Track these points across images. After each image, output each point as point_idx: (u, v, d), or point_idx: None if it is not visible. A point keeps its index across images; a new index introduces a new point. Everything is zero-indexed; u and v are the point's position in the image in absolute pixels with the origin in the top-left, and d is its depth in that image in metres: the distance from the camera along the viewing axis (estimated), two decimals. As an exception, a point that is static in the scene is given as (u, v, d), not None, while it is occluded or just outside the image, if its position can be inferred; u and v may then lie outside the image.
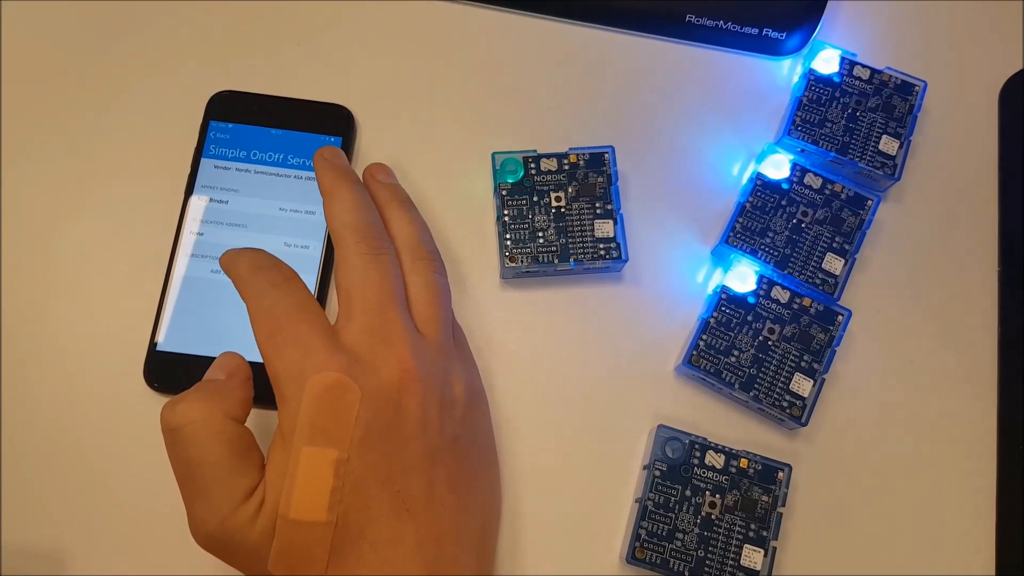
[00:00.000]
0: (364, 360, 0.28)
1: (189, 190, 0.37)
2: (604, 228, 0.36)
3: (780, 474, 0.34)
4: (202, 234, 0.37)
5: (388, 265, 0.31)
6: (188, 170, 0.38)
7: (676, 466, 0.34)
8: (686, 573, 0.33)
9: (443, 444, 0.29)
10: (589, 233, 0.36)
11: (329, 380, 0.27)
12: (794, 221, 0.37)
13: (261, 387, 0.30)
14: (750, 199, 0.37)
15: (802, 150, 0.38)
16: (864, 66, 0.39)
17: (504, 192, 0.36)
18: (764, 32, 0.40)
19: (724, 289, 0.36)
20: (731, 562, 0.33)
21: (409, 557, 0.27)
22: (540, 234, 0.36)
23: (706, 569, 0.33)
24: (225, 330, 0.35)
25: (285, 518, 0.27)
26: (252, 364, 0.31)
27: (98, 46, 0.40)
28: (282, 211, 0.37)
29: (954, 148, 0.40)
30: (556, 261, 0.36)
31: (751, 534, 0.33)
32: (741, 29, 0.40)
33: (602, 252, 0.36)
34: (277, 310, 0.29)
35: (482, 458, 0.33)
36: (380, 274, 0.30)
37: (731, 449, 0.34)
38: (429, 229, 0.35)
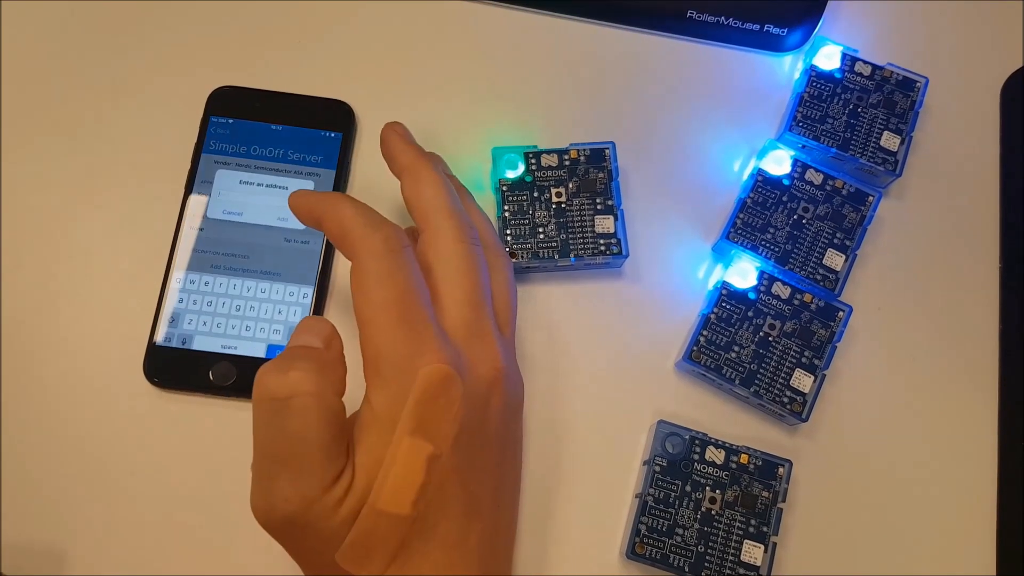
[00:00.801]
0: (465, 355, 0.27)
1: (189, 185, 0.37)
2: (605, 224, 0.36)
3: (780, 470, 0.34)
4: (202, 229, 0.37)
5: (481, 258, 0.30)
6: (188, 165, 0.38)
7: (676, 462, 0.34)
8: (686, 569, 0.33)
9: (509, 448, 0.29)
10: (590, 229, 0.36)
11: (441, 373, 0.26)
12: (795, 217, 0.37)
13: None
14: (751, 195, 0.37)
15: (803, 146, 0.38)
16: (865, 62, 0.39)
17: (504, 187, 0.36)
18: (765, 28, 0.40)
19: (725, 285, 0.36)
20: (731, 558, 0.33)
21: (470, 557, 0.27)
22: (540, 230, 0.36)
23: (706, 565, 0.33)
24: (225, 327, 0.35)
25: (372, 507, 0.25)
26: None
27: (99, 42, 0.40)
28: (282, 207, 0.37)
29: (955, 145, 0.40)
30: (556, 257, 0.36)
31: (751, 530, 0.33)
32: (743, 25, 0.40)
33: (603, 248, 0.36)
34: (396, 282, 0.26)
35: (520, 457, 0.33)
36: (477, 266, 0.29)
37: (731, 445, 0.34)
38: None
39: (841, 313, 0.36)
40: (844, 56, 0.39)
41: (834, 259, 0.36)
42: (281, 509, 0.25)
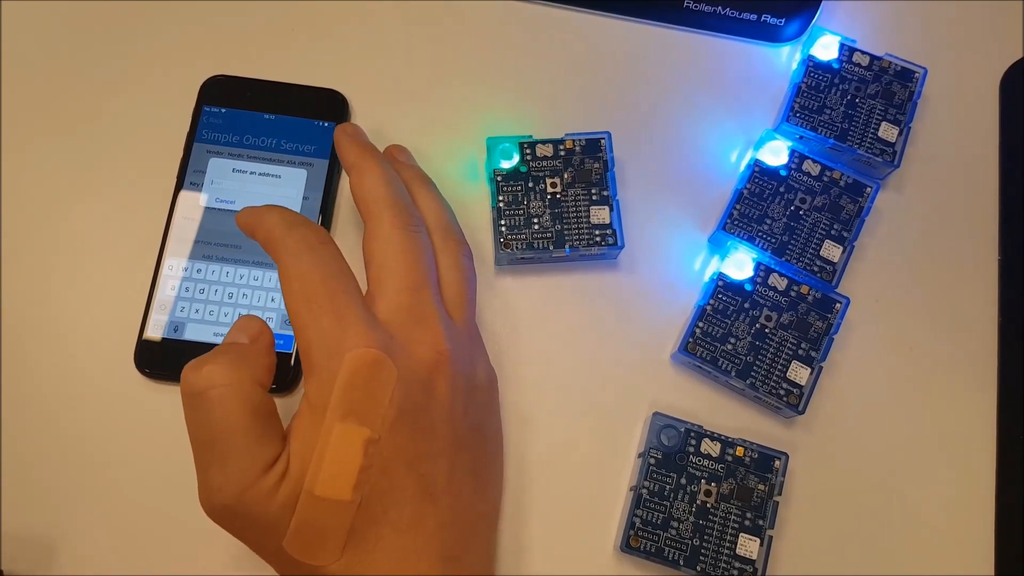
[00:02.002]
0: (399, 338, 0.28)
1: (182, 175, 0.37)
2: (600, 214, 0.36)
3: (776, 462, 0.33)
4: (195, 219, 0.36)
5: (422, 243, 0.30)
6: (181, 155, 0.37)
7: (672, 454, 0.33)
8: (681, 562, 0.32)
9: (467, 430, 0.29)
10: (585, 219, 0.36)
11: (368, 356, 0.26)
12: (792, 208, 0.37)
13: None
14: (748, 186, 0.37)
15: (801, 137, 0.38)
16: (864, 52, 0.39)
17: (499, 178, 0.36)
18: (763, 18, 0.40)
19: (721, 276, 0.35)
20: (727, 551, 0.32)
21: (426, 541, 0.27)
22: (535, 220, 0.36)
23: (701, 558, 0.32)
24: (217, 315, 0.35)
25: (310, 493, 0.25)
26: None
27: (92, 32, 0.40)
28: (275, 196, 0.37)
29: (954, 136, 0.40)
30: (551, 247, 0.35)
31: (747, 523, 0.33)
32: (740, 15, 0.40)
33: (598, 239, 0.35)
34: (315, 275, 0.27)
35: (496, 446, 0.32)
36: (416, 251, 0.30)
37: (727, 437, 0.34)
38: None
39: (838, 305, 0.35)
40: (842, 46, 0.39)
41: (831, 250, 0.36)
42: (217, 498, 0.26)
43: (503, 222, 0.36)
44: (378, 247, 0.30)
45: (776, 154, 0.37)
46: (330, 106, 0.38)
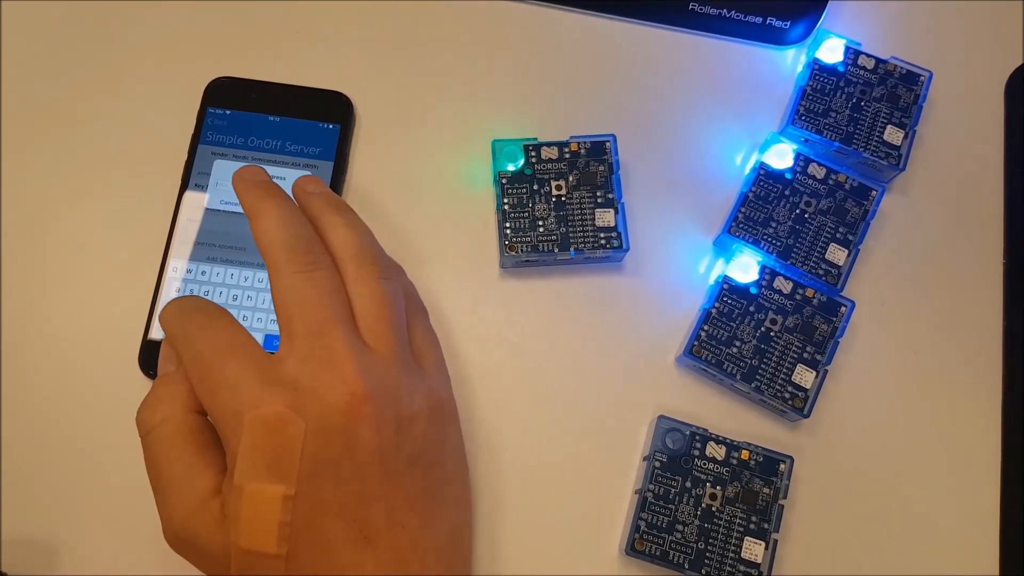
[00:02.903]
0: (306, 389, 0.27)
1: (186, 177, 0.37)
2: (605, 217, 0.36)
3: (782, 466, 0.33)
4: (199, 220, 0.36)
5: (325, 280, 0.29)
6: (185, 157, 0.37)
7: (676, 457, 0.33)
8: (686, 565, 0.32)
9: (402, 466, 0.28)
10: (590, 222, 0.36)
11: (266, 414, 0.26)
12: (797, 211, 0.37)
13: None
14: (753, 189, 0.37)
15: (806, 140, 0.38)
16: (869, 56, 0.39)
17: (504, 180, 0.36)
18: (768, 21, 0.40)
19: (726, 279, 0.35)
20: (731, 554, 0.32)
21: None
22: (540, 223, 0.36)
23: (706, 561, 0.32)
24: (222, 318, 0.35)
25: (236, 545, 0.26)
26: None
27: (96, 33, 0.40)
28: (280, 198, 0.37)
29: (960, 139, 0.40)
30: (556, 250, 0.35)
31: (752, 526, 0.33)
32: (745, 18, 0.40)
33: (603, 241, 0.35)
34: (204, 353, 0.28)
35: (448, 470, 0.31)
36: (316, 292, 0.28)
37: (732, 440, 0.33)
38: (371, 232, 0.32)
39: (843, 308, 0.35)
40: (847, 49, 0.39)
41: (836, 254, 0.36)
42: (167, 530, 0.28)
43: (508, 224, 0.36)
44: (277, 296, 0.29)
45: (781, 157, 0.37)
46: (335, 108, 0.38)
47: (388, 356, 0.29)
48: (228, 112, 0.38)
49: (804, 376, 0.34)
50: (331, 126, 0.38)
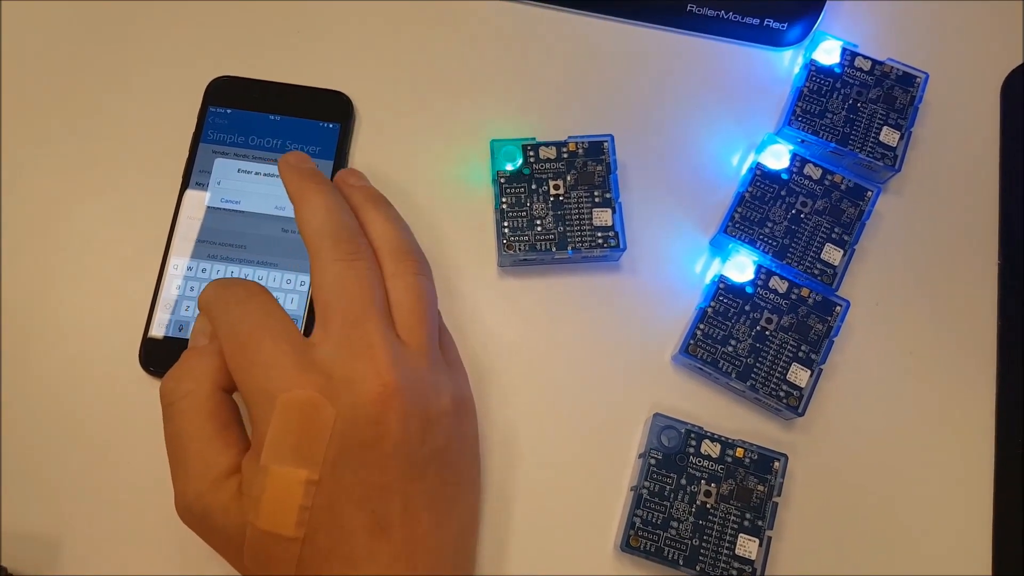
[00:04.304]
0: (339, 376, 0.27)
1: (187, 175, 0.37)
2: (603, 217, 0.36)
3: (776, 464, 0.34)
4: (200, 218, 0.37)
5: (366, 271, 0.29)
6: (187, 155, 0.38)
7: (672, 455, 0.34)
8: (680, 562, 0.32)
9: (423, 461, 0.28)
10: (587, 221, 0.36)
11: (299, 399, 0.26)
12: (793, 211, 0.37)
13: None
14: (749, 189, 0.37)
15: (802, 140, 0.38)
16: (866, 57, 0.39)
17: (502, 180, 0.36)
18: (765, 23, 0.40)
19: (722, 279, 0.36)
20: (726, 551, 0.33)
21: (380, 574, 0.27)
22: (538, 222, 0.36)
23: (701, 558, 0.33)
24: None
25: (253, 526, 0.26)
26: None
27: (98, 32, 0.40)
28: (279, 197, 0.37)
29: (955, 141, 0.40)
30: (554, 249, 0.36)
31: (746, 523, 0.33)
32: (742, 19, 0.40)
33: (600, 241, 0.36)
34: (242, 327, 0.28)
35: (464, 469, 0.31)
36: (357, 281, 0.29)
37: (727, 438, 0.34)
38: (410, 228, 0.33)
39: (838, 308, 0.35)
40: (844, 51, 0.39)
41: (832, 254, 0.36)
42: (180, 502, 0.28)
43: (506, 224, 0.36)
44: (318, 282, 0.29)
45: (778, 158, 0.37)
46: (335, 107, 0.38)
47: (420, 351, 0.29)
48: (229, 111, 0.38)
49: (799, 375, 0.35)
50: (331, 125, 0.38)
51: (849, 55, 0.39)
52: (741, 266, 0.36)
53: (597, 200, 0.36)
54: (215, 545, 0.28)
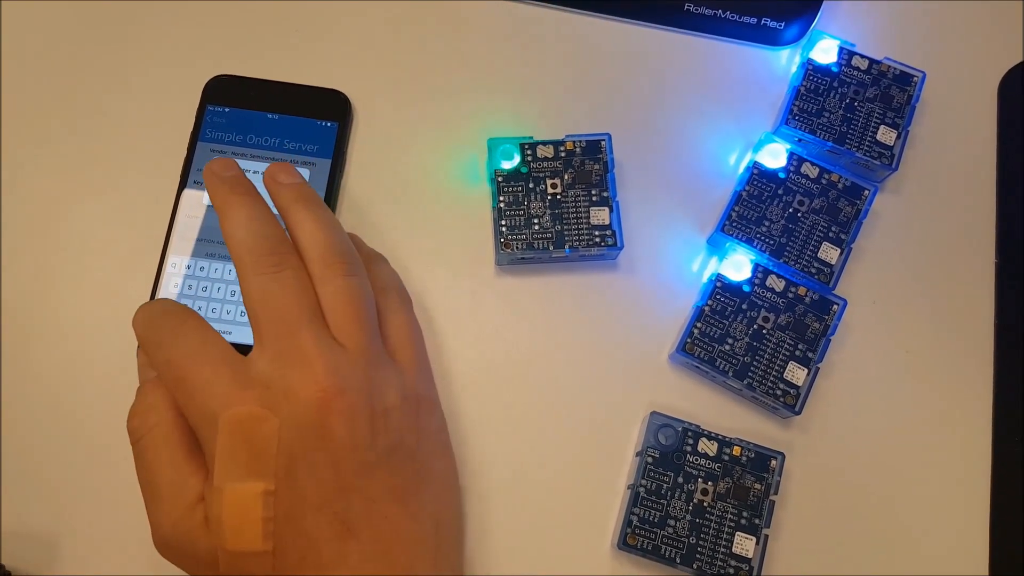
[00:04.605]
0: (277, 387, 0.27)
1: (185, 174, 0.37)
2: (600, 215, 0.36)
3: (773, 462, 0.34)
4: (198, 217, 0.37)
5: (291, 280, 0.29)
6: (184, 154, 0.38)
7: (669, 453, 0.34)
8: (677, 560, 0.33)
9: (379, 457, 0.28)
10: (585, 220, 0.36)
11: (240, 414, 0.27)
12: (790, 210, 0.37)
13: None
14: (747, 188, 0.37)
15: (799, 139, 0.38)
16: (863, 56, 0.39)
17: (500, 178, 0.36)
18: (763, 22, 0.40)
19: (719, 277, 0.36)
20: (723, 549, 0.33)
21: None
22: (535, 221, 0.36)
23: (697, 556, 0.33)
24: (220, 313, 0.35)
25: (223, 548, 0.26)
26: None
27: (96, 31, 0.40)
28: (278, 195, 0.37)
29: (952, 140, 0.40)
30: (551, 248, 0.36)
31: (743, 522, 0.33)
32: (740, 18, 0.40)
33: (597, 239, 0.36)
34: (176, 359, 0.28)
35: (430, 462, 0.31)
36: (283, 292, 0.29)
37: (724, 437, 0.34)
38: (340, 226, 0.32)
39: (835, 306, 0.36)
40: (841, 50, 0.39)
41: (829, 252, 0.36)
42: (156, 535, 0.28)
43: (504, 222, 0.36)
44: (246, 297, 0.29)
45: (775, 156, 0.37)
46: (333, 106, 0.39)
47: (357, 352, 0.29)
48: (227, 110, 0.38)
49: (796, 373, 0.35)
50: (329, 124, 0.38)
51: (846, 54, 0.39)
52: (738, 265, 0.36)
53: (594, 199, 0.36)
54: (193, 571, 0.28)
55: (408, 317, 0.33)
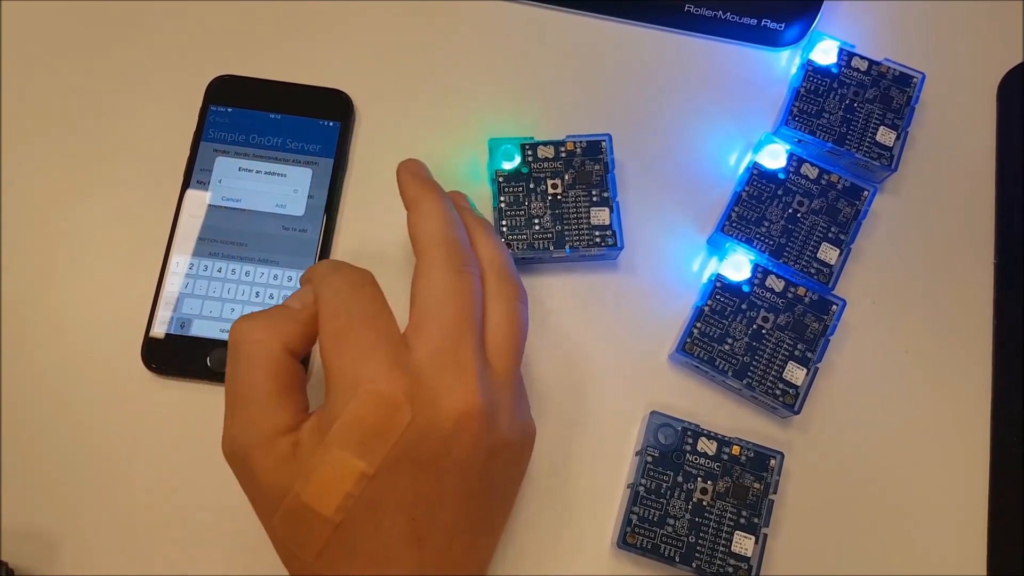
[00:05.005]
0: (426, 384, 0.27)
1: (188, 174, 0.37)
2: (600, 216, 0.36)
3: (772, 462, 0.34)
4: (201, 217, 0.37)
5: (472, 285, 0.29)
6: (188, 153, 0.38)
7: (668, 452, 0.34)
8: (677, 559, 0.33)
9: (480, 487, 0.28)
10: (585, 220, 0.36)
11: (382, 393, 0.26)
12: (790, 211, 0.37)
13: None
14: (746, 188, 0.37)
15: (799, 140, 0.38)
16: (862, 57, 0.39)
17: (501, 179, 0.37)
18: (763, 23, 0.40)
19: (719, 277, 0.36)
20: (722, 548, 0.33)
21: None
22: (536, 221, 0.36)
23: (697, 555, 0.33)
24: (222, 312, 0.36)
25: (296, 494, 0.26)
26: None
27: (100, 31, 0.40)
28: (280, 195, 0.37)
29: (952, 140, 0.40)
30: (552, 248, 0.36)
31: (742, 521, 0.33)
32: (740, 19, 0.40)
33: (598, 239, 0.36)
34: (348, 310, 0.28)
35: (509, 500, 0.31)
36: (462, 295, 0.29)
37: (723, 436, 0.34)
38: (512, 256, 0.33)
39: (835, 307, 0.36)
40: (841, 51, 0.39)
41: (828, 253, 0.37)
42: (229, 446, 0.28)
43: (504, 222, 0.36)
44: (423, 286, 0.29)
45: (775, 157, 0.38)
46: (335, 106, 0.39)
47: (505, 378, 0.29)
48: (230, 110, 0.38)
49: (795, 373, 0.35)
50: (331, 123, 0.38)
51: (846, 55, 0.39)
52: (738, 265, 0.36)
53: (595, 199, 0.36)
54: (250, 494, 0.28)
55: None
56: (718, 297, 0.36)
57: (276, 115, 0.38)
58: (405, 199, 0.32)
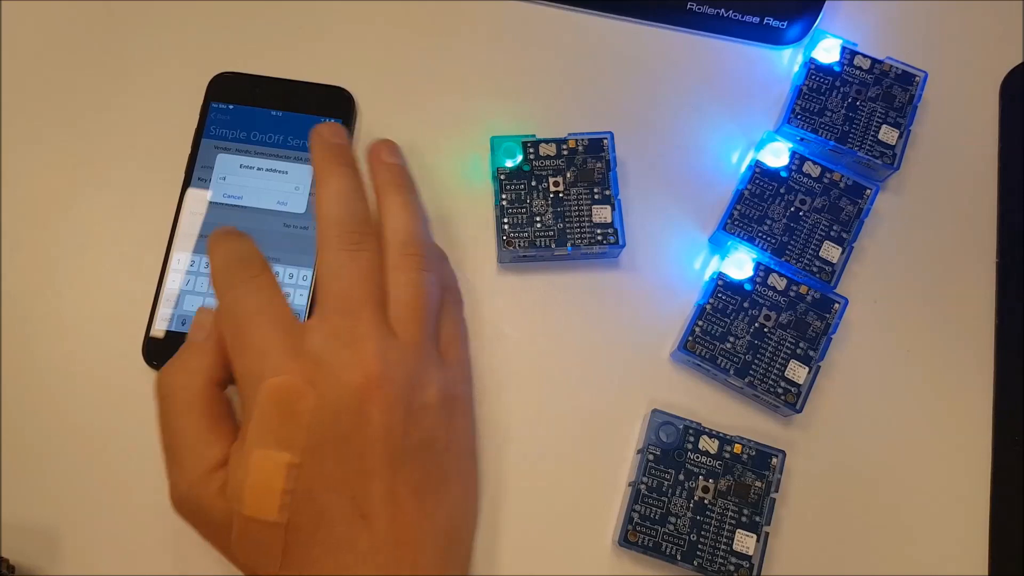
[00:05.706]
0: (326, 364, 0.28)
1: (189, 171, 0.37)
2: (602, 214, 0.36)
3: (774, 460, 0.34)
4: (202, 214, 0.37)
5: (367, 262, 0.30)
6: (189, 151, 0.38)
7: (670, 451, 0.34)
8: (678, 557, 0.33)
9: (408, 450, 0.28)
10: (587, 218, 0.36)
11: (283, 384, 0.27)
12: (792, 209, 0.37)
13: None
14: (748, 186, 0.37)
15: (801, 139, 0.38)
16: (865, 56, 0.39)
17: (502, 176, 0.37)
18: (765, 21, 0.40)
19: (721, 276, 0.36)
20: (723, 547, 0.33)
21: (360, 561, 0.27)
22: (538, 219, 0.36)
23: (698, 553, 0.33)
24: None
25: (239, 513, 0.27)
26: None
27: (101, 28, 0.40)
28: (281, 192, 0.37)
29: (954, 139, 0.40)
30: (553, 246, 0.36)
31: (744, 519, 0.33)
32: (742, 18, 0.40)
33: (599, 237, 0.36)
34: (239, 309, 0.29)
35: (455, 462, 0.31)
36: (357, 272, 0.30)
37: (725, 435, 0.34)
38: (426, 217, 0.33)
39: (837, 305, 0.36)
40: (843, 49, 0.39)
41: (831, 251, 0.37)
42: (173, 493, 0.28)
43: (506, 220, 0.36)
44: (320, 267, 0.30)
45: (777, 155, 0.37)
46: (336, 103, 0.39)
47: (410, 344, 0.30)
48: (231, 107, 0.38)
49: (797, 372, 0.35)
50: (333, 121, 0.38)
51: (848, 54, 0.39)
52: (740, 263, 0.36)
53: (597, 197, 0.36)
54: (208, 537, 0.29)
55: (459, 318, 0.34)
56: (720, 295, 0.36)
57: (277, 112, 0.38)
58: (314, 171, 0.32)
